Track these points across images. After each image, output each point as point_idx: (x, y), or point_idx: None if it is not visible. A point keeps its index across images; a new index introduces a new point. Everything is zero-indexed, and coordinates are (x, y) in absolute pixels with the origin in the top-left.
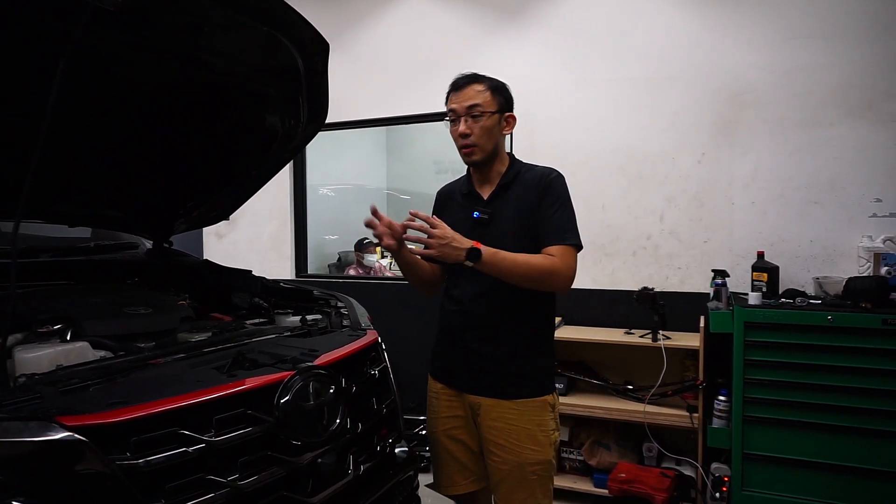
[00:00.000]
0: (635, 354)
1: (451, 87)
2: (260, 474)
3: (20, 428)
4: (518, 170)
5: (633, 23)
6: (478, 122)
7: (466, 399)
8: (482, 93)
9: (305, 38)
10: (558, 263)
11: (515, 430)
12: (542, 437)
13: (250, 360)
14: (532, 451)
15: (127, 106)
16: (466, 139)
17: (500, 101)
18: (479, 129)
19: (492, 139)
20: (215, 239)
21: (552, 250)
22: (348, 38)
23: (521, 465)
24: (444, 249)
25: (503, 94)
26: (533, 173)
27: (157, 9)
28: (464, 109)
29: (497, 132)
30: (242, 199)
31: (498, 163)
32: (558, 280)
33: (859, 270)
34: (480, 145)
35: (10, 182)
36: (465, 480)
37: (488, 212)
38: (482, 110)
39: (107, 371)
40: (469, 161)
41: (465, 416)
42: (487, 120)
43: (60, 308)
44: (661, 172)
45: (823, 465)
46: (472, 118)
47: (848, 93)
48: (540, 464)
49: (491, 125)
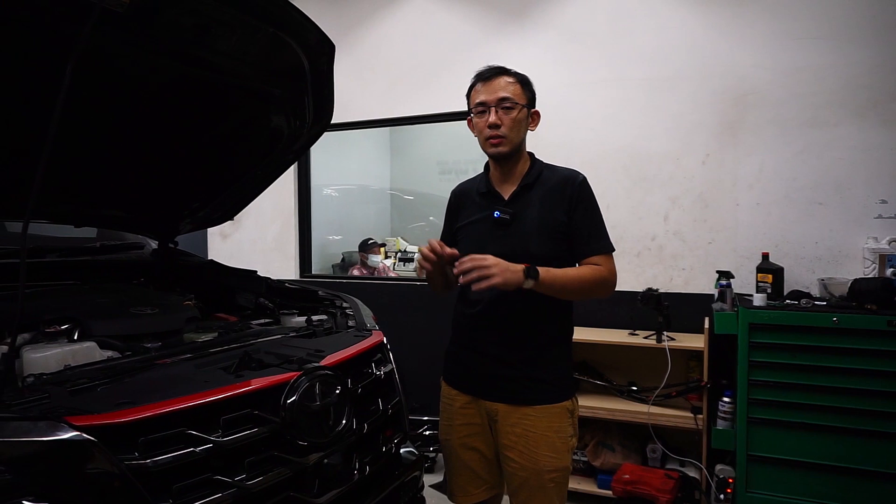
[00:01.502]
0: (639, 355)
1: (479, 78)
2: (266, 474)
3: (29, 428)
4: (540, 170)
5: (637, 23)
6: (509, 114)
7: (482, 405)
8: (513, 84)
9: (311, 39)
10: (605, 273)
11: (534, 437)
12: (560, 443)
13: (257, 361)
14: (550, 459)
15: (133, 106)
16: (496, 129)
17: (529, 96)
18: (510, 121)
19: (520, 133)
20: (220, 239)
21: (596, 260)
22: (353, 39)
23: (539, 473)
24: (506, 275)
25: (531, 88)
26: (556, 174)
27: (164, 10)
28: (495, 100)
29: (525, 126)
30: (247, 199)
31: (521, 161)
32: (608, 288)
33: (864, 272)
34: (510, 137)
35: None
36: (478, 490)
37: (510, 211)
38: (514, 102)
39: (114, 371)
40: (496, 153)
41: (481, 423)
42: (519, 113)
43: (67, 308)
44: (665, 173)
45: (828, 467)
46: (504, 110)
47: (853, 93)
48: (558, 471)
49: (521, 118)
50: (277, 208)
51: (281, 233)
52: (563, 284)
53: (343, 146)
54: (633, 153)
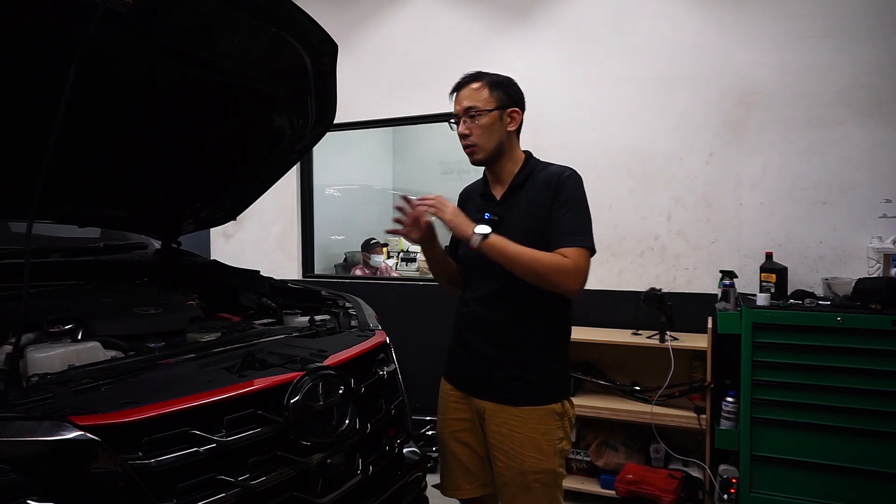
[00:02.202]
0: (642, 355)
1: (452, 89)
2: (270, 474)
3: (34, 427)
4: (531, 169)
5: (640, 23)
6: (476, 121)
7: (473, 402)
8: (478, 91)
9: (314, 40)
10: (567, 263)
11: (518, 437)
12: (547, 446)
13: (260, 361)
14: (534, 460)
15: (135, 107)
16: (466, 139)
17: (501, 97)
18: (478, 129)
19: (492, 138)
20: (223, 239)
21: (565, 251)
22: (355, 39)
23: (524, 473)
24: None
25: (504, 88)
26: (547, 172)
27: (166, 10)
28: (461, 110)
29: (499, 130)
30: (250, 199)
31: (509, 162)
32: (566, 280)
33: (869, 271)
34: (480, 144)
35: (18, 182)
36: (470, 485)
37: (499, 213)
38: (478, 109)
39: (118, 371)
40: (473, 161)
41: (472, 419)
42: (485, 118)
43: (71, 308)
44: (668, 172)
45: (832, 468)
46: (470, 118)
47: (857, 93)
48: (542, 472)
49: (489, 123)
50: (280, 208)
51: (283, 233)
52: (514, 256)
53: (345, 146)
54: (636, 153)
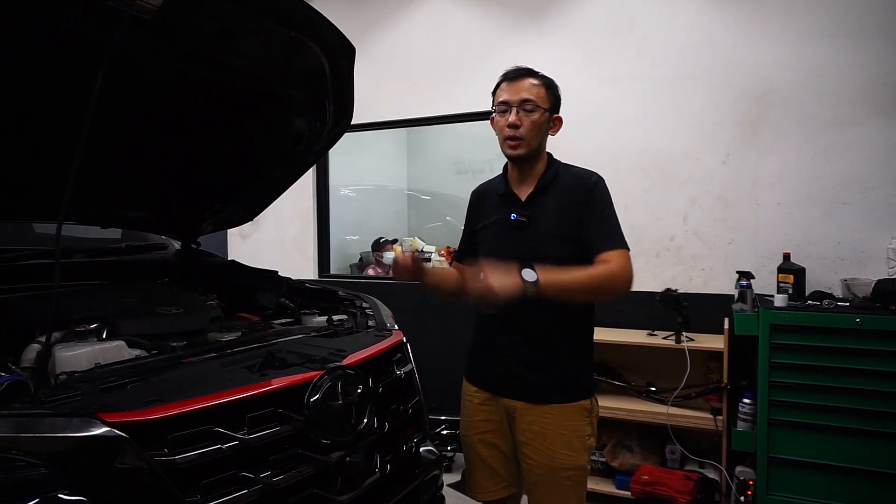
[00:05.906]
0: (658, 356)
1: (505, 77)
2: (290, 472)
3: (64, 424)
4: (557, 170)
5: (656, 22)
6: (529, 115)
7: (501, 402)
8: (537, 87)
9: (332, 43)
10: (616, 268)
11: (550, 434)
12: (577, 442)
13: (280, 360)
14: (566, 457)
15: (157, 110)
16: (515, 130)
17: (552, 100)
18: (530, 123)
19: (539, 136)
20: (239, 240)
21: (606, 256)
22: (370, 40)
23: (555, 470)
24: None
25: (555, 93)
26: (573, 175)
27: (188, 16)
28: (517, 101)
29: (545, 130)
30: (268, 200)
31: (539, 162)
32: (620, 284)
33: (888, 272)
34: (527, 140)
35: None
36: (496, 487)
37: (526, 214)
38: (535, 105)
39: (143, 369)
40: (512, 154)
41: (499, 420)
42: (539, 116)
43: (96, 307)
44: (684, 172)
45: (850, 470)
46: (525, 111)
47: (876, 92)
48: (574, 469)
49: (542, 121)
50: (296, 209)
51: (300, 233)
52: (570, 285)
53: (360, 147)
54: (653, 153)
